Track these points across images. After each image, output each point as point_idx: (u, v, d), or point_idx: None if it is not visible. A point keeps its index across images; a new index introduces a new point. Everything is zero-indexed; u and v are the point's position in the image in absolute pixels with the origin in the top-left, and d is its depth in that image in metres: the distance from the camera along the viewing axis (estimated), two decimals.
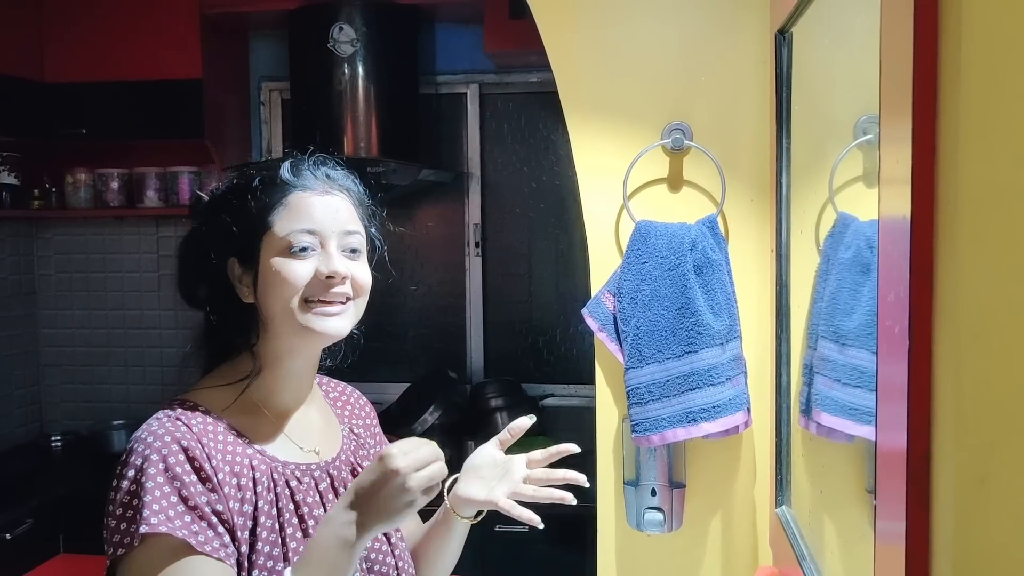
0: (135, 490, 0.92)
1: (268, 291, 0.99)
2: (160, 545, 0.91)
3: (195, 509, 0.92)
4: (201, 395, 1.02)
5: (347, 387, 1.26)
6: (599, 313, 1.48)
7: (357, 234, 1.04)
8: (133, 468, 0.93)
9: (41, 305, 3.27)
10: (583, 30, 1.49)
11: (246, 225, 1.01)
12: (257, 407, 1.04)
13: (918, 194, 0.61)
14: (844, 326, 1.07)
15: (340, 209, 1.03)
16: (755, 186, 1.46)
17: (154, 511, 0.90)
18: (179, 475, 0.93)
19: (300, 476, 1.03)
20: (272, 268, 0.98)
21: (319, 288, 0.99)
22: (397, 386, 2.96)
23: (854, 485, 1.11)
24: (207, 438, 0.97)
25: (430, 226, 3.16)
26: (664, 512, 1.47)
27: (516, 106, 3.07)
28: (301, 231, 0.99)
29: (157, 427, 0.96)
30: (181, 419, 0.97)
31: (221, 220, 1.03)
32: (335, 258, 1.00)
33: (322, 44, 2.69)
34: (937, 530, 0.61)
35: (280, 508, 1.00)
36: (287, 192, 1.01)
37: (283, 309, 0.99)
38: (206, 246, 1.04)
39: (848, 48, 1.09)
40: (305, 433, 1.08)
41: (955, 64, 0.57)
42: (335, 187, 1.04)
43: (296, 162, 1.04)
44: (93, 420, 3.15)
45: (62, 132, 2.92)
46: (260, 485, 0.99)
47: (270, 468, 1.01)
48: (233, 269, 1.02)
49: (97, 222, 3.21)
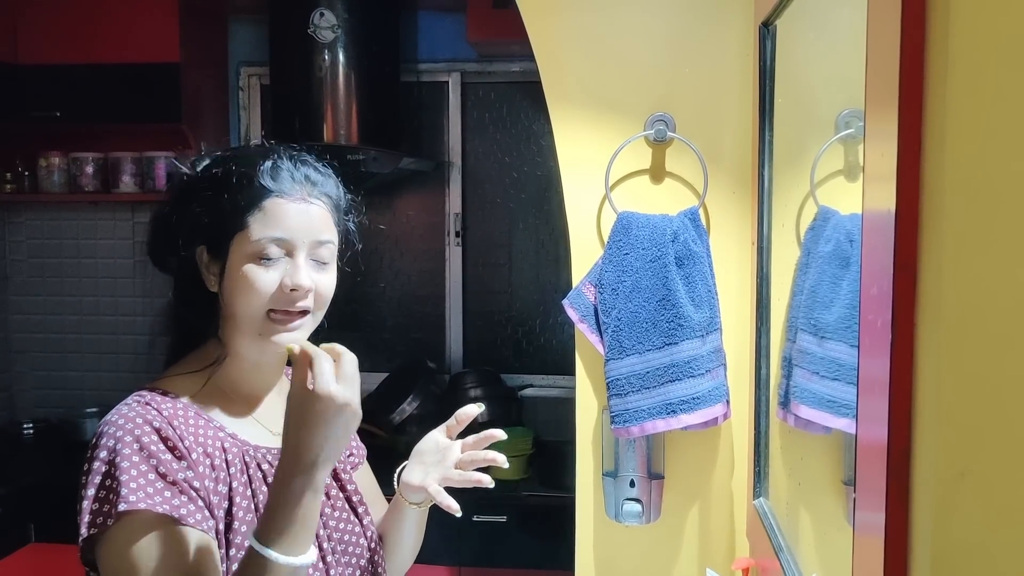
0: (109, 471, 0.92)
1: (234, 292, 0.99)
2: (139, 521, 0.90)
3: (174, 484, 0.92)
4: (169, 382, 1.02)
5: None
6: (580, 304, 1.48)
7: (329, 243, 1.03)
8: (105, 450, 0.93)
9: (12, 291, 3.22)
10: (567, 20, 1.48)
11: (218, 220, 1.00)
12: (225, 393, 1.05)
13: (903, 188, 0.61)
14: (823, 319, 1.08)
15: (315, 218, 1.02)
16: (737, 179, 1.46)
17: (131, 489, 0.90)
18: (154, 452, 0.92)
19: (272, 460, 1.03)
20: (239, 272, 0.98)
21: (282, 299, 0.99)
22: (375, 376, 2.94)
23: (831, 477, 1.12)
24: (178, 420, 0.97)
25: (410, 215, 3.14)
26: (642, 503, 1.47)
27: (498, 95, 3.06)
28: (272, 240, 0.98)
29: (127, 411, 0.96)
30: (151, 403, 0.97)
31: (194, 207, 1.02)
32: (301, 270, 0.99)
33: (302, 29, 2.66)
34: (916, 523, 0.61)
35: (254, 490, 1.00)
36: (264, 196, 0.99)
37: (245, 315, 1.00)
38: (178, 225, 1.03)
39: (832, 42, 1.09)
40: (275, 417, 1.07)
41: (942, 57, 0.57)
42: (314, 193, 1.03)
43: (276, 164, 1.02)
44: (65, 408, 3.11)
45: (36, 115, 2.87)
46: (233, 467, 0.99)
47: (241, 451, 1.02)
48: (202, 256, 1.02)
49: (71, 207, 3.15)
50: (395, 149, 2.80)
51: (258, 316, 0.99)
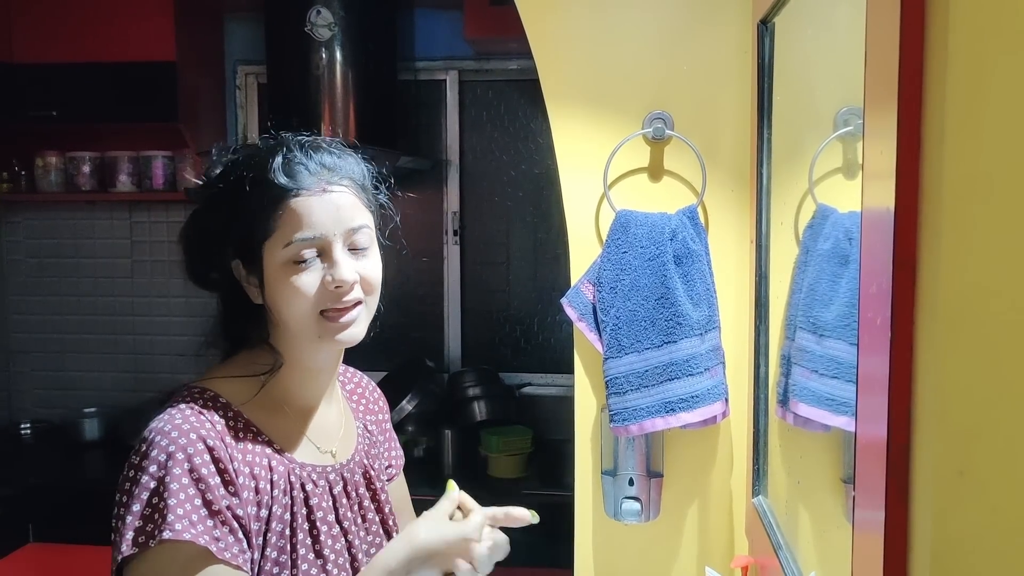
0: (157, 488, 0.88)
1: (279, 301, 0.95)
2: (180, 551, 0.87)
3: (218, 514, 0.89)
4: (221, 385, 0.98)
5: (363, 378, 1.24)
6: (578, 302, 1.48)
7: (364, 228, 0.98)
8: (155, 464, 0.88)
9: (10, 291, 3.21)
10: (565, 17, 1.48)
11: (244, 231, 0.95)
12: (278, 404, 1.01)
13: (902, 186, 0.61)
14: (822, 317, 1.08)
15: (342, 205, 0.96)
16: (735, 176, 1.46)
17: (178, 516, 0.86)
18: (204, 477, 0.89)
19: (316, 479, 1.01)
20: (279, 279, 0.94)
21: (330, 297, 0.95)
22: (374, 375, 2.93)
23: (830, 475, 1.12)
24: (230, 437, 0.93)
25: (408, 214, 3.12)
26: (641, 502, 1.47)
27: (496, 93, 3.05)
28: (303, 241, 0.93)
29: (181, 421, 0.91)
30: (204, 414, 0.93)
31: (217, 221, 0.98)
32: (342, 265, 0.94)
33: (299, 28, 2.66)
34: (916, 521, 0.61)
35: (294, 512, 0.97)
36: (284, 196, 0.93)
37: (297, 321, 0.96)
38: (207, 242, 1.00)
39: (830, 39, 1.09)
40: (324, 433, 1.05)
41: (942, 55, 0.57)
42: (334, 180, 0.97)
43: (288, 158, 0.96)
44: (63, 408, 3.11)
45: (32, 114, 2.86)
46: (277, 488, 0.96)
47: (288, 470, 0.98)
48: (239, 270, 0.98)
49: (68, 206, 3.15)
50: (392, 147, 2.80)
51: (310, 319, 0.95)
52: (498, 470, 2.66)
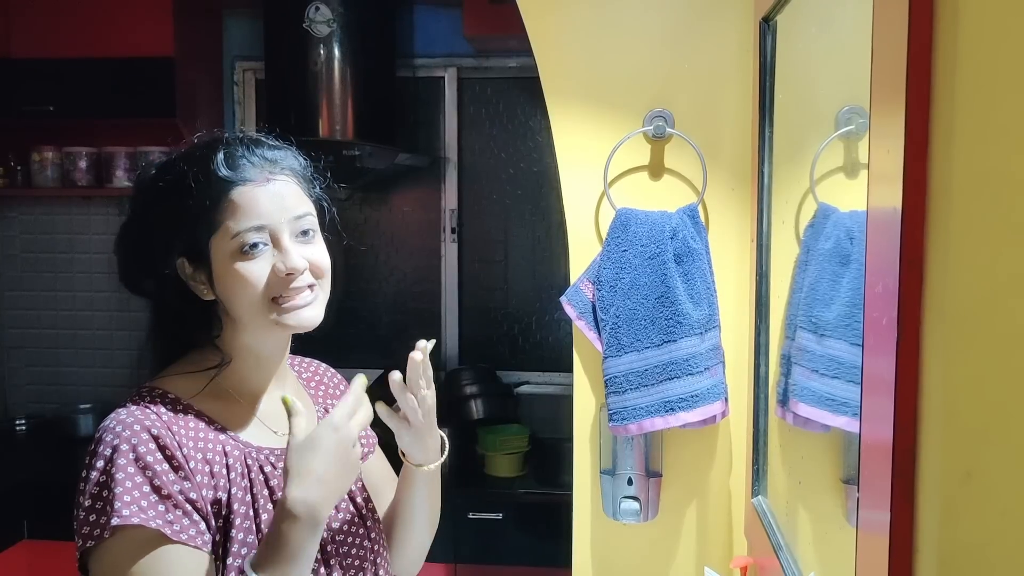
0: (105, 481, 0.90)
1: (230, 293, 0.97)
2: (133, 536, 0.89)
3: (168, 498, 0.91)
4: (169, 382, 1.01)
5: (320, 365, 1.25)
6: (578, 301, 1.47)
7: (308, 215, 1.01)
8: (102, 459, 0.91)
9: (5, 286, 3.20)
10: (565, 15, 1.47)
11: (190, 226, 0.97)
12: (228, 393, 1.03)
13: (910, 185, 0.60)
14: (822, 317, 1.07)
15: (286, 195, 0.99)
16: (736, 175, 1.46)
17: (125, 502, 0.89)
18: (150, 464, 0.91)
19: (275, 461, 1.02)
20: (228, 271, 0.96)
21: (281, 284, 0.97)
22: (371, 372, 2.92)
23: (830, 475, 1.12)
24: (177, 425, 0.95)
25: (406, 211, 3.13)
26: (640, 501, 1.47)
27: (494, 91, 3.05)
28: (250, 229, 0.96)
29: (126, 415, 0.94)
30: (150, 407, 0.95)
31: (161, 219, 0.99)
32: (291, 253, 0.97)
33: (298, 24, 2.65)
34: (922, 523, 0.60)
35: (255, 494, 0.99)
36: (227, 188, 0.96)
37: (250, 310, 0.98)
38: (150, 242, 1.01)
39: (833, 38, 1.08)
40: (278, 416, 1.06)
41: (951, 52, 0.56)
42: (276, 171, 1.00)
43: (230, 152, 0.99)
44: (58, 404, 3.10)
45: (28, 109, 2.85)
46: (233, 471, 0.98)
47: (243, 454, 1.00)
48: (184, 268, 1.00)
49: (64, 202, 3.14)
50: (391, 144, 2.79)
51: (262, 307, 0.97)
52: (495, 469, 2.65)
